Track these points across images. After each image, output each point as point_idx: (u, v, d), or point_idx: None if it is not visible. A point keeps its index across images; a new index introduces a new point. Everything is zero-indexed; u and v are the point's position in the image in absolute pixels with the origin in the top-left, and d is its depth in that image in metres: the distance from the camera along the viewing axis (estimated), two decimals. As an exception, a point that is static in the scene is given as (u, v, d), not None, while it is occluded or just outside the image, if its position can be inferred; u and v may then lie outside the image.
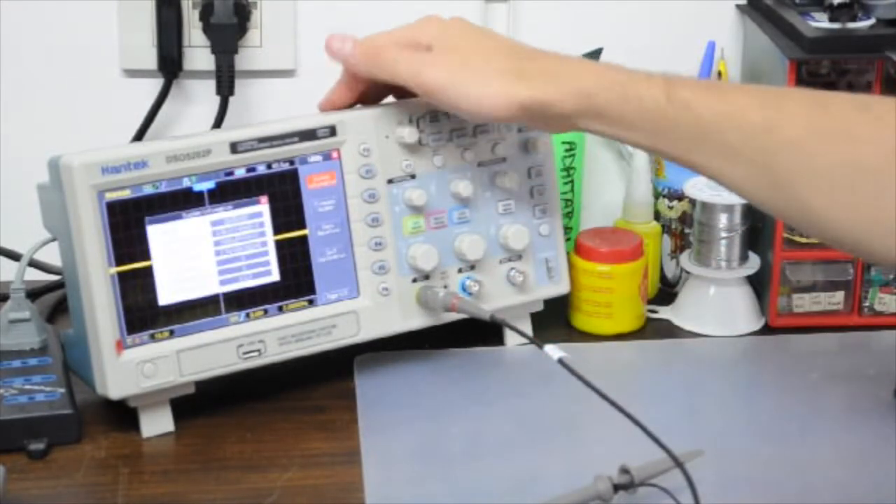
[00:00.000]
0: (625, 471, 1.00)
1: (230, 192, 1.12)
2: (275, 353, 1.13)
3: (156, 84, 1.40)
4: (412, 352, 1.22)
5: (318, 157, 1.15)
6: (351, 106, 1.18)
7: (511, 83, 1.07)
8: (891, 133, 0.97)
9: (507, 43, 1.12)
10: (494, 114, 1.09)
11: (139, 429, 1.11)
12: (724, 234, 1.30)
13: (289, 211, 1.14)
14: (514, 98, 1.07)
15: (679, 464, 0.96)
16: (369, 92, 1.17)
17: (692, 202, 1.35)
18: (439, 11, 1.42)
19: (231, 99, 1.38)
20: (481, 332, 1.22)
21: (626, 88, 1.05)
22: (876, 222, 0.97)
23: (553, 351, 1.02)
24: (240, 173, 1.12)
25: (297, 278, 1.14)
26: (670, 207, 1.39)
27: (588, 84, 1.06)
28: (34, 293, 1.29)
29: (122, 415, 1.11)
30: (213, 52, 1.37)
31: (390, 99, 1.19)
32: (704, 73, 1.39)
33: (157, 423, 1.11)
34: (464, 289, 1.19)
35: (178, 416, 1.12)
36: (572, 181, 1.38)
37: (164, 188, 1.09)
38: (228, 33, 1.36)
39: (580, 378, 0.99)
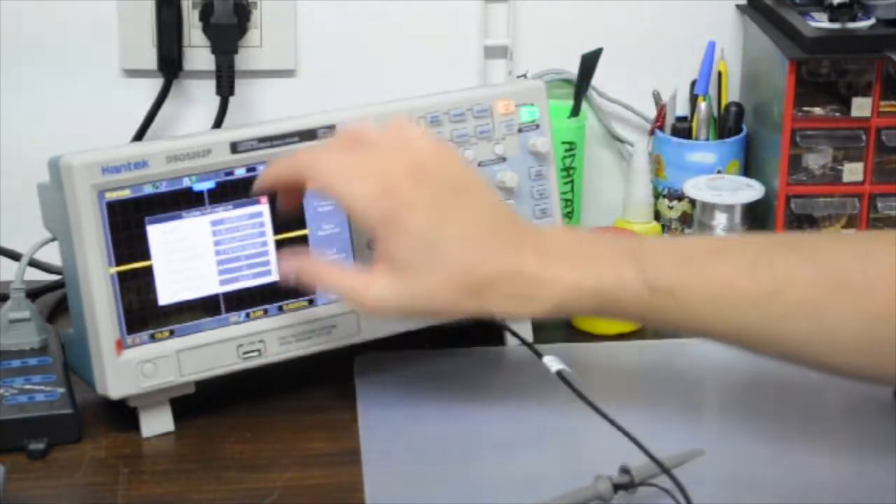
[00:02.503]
0: (625, 471, 1.00)
1: (230, 191, 1.12)
2: (275, 353, 1.13)
3: (156, 84, 1.40)
4: (412, 352, 1.22)
5: (318, 157, 1.14)
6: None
7: (466, 305, 0.98)
8: (889, 274, 0.95)
9: (460, 229, 0.98)
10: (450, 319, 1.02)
11: (139, 429, 1.11)
12: (724, 235, 1.30)
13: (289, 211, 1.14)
14: (474, 315, 0.99)
15: (666, 470, 0.96)
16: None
17: (692, 202, 1.35)
18: (439, 11, 1.42)
19: (231, 99, 1.38)
20: (481, 332, 1.22)
21: (600, 297, 0.97)
22: (893, 365, 0.96)
23: (552, 363, 1.02)
24: (240, 173, 1.12)
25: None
26: (670, 207, 1.39)
27: (556, 300, 0.97)
28: (34, 293, 1.29)
29: (122, 415, 1.11)
30: (213, 52, 1.37)
31: (390, 98, 1.19)
32: (704, 73, 1.39)
33: (157, 423, 1.11)
34: (464, 289, 1.19)
35: (178, 416, 1.12)
36: (572, 181, 1.38)
37: (164, 188, 1.09)
38: (228, 33, 1.36)
39: (576, 391, 1.00)
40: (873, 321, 0.95)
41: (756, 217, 1.33)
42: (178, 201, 1.10)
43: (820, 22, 1.28)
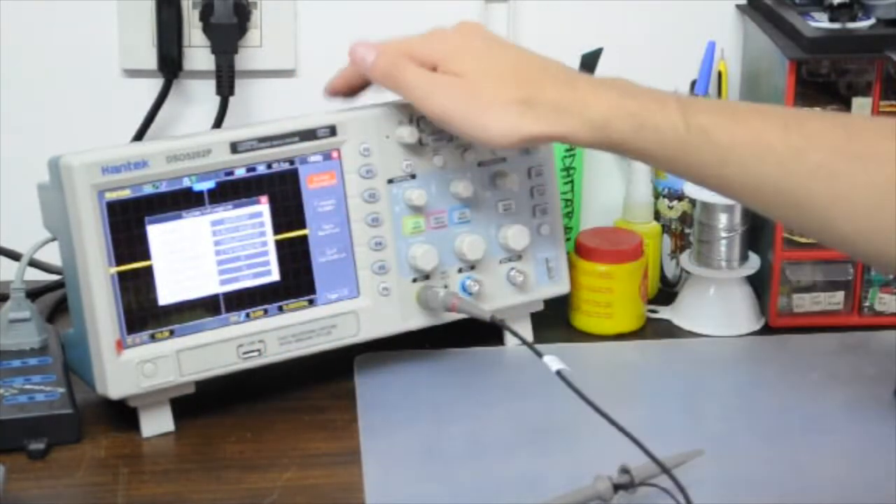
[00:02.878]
0: (625, 471, 1.00)
1: (230, 191, 1.12)
2: (275, 353, 1.13)
3: (156, 84, 1.40)
4: (412, 352, 1.22)
5: (319, 157, 1.15)
6: (356, 91, 1.18)
7: (519, 117, 1.06)
8: None
9: (519, 62, 1.09)
10: (503, 145, 1.09)
11: (139, 429, 1.11)
12: (724, 234, 1.30)
13: (289, 211, 1.14)
14: (523, 132, 1.06)
15: (666, 470, 0.96)
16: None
17: (692, 202, 1.35)
18: (439, 11, 1.43)
19: (231, 99, 1.38)
20: (481, 332, 1.22)
21: (641, 118, 1.03)
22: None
23: (552, 362, 1.03)
24: (240, 173, 1.12)
25: (297, 278, 1.14)
26: (670, 207, 1.39)
27: (599, 116, 1.04)
28: (34, 293, 1.29)
29: (122, 415, 1.11)
30: (213, 52, 1.37)
31: (390, 98, 1.19)
32: (704, 73, 1.39)
33: (157, 423, 1.11)
34: (464, 289, 1.19)
35: (178, 416, 1.12)
36: (572, 181, 1.38)
37: (164, 188, 1.09)
38: (228, 33, 1.36)
39: (576, 391, 1.00)
40: (883, 192, 0.97)
41: (756, 217, 1.33)
42: (178, 201, 1.10)
43: (820, 22, 1.28)
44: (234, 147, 1.11)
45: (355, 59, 1.14)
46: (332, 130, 1.15)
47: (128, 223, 1.08)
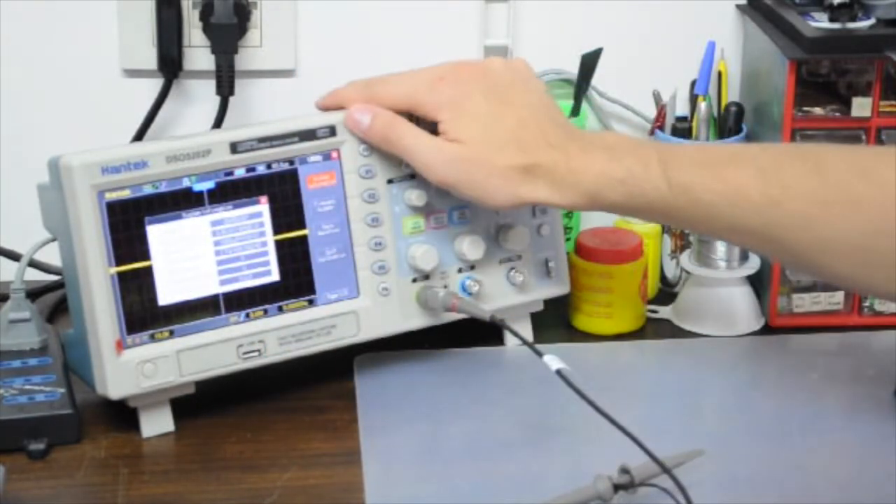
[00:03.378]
0: (625, 471, 1.00)
1: (230, 192, 1.12)
2: (275, 353, 1.13)
3: (156, 84, 1.40)
4: (412, 352, 1.22)
5: (318, 157, 1.15)
6: None
7: (519, 185, 1.09)
8: (888, 190, 1.00)
9: (519, 127, 1.11)
10: (506, 209, 1.15)
11: (139, 429, 1.11)
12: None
13: (289, 211, 1.14)
14: (524, 198, 1.10)
15: (666, 470, 0.96)
16: None
17: (692, 202, 1.35)
18: (439, 11, 1.43)
19: (231, 99, 1.38)
20: (481, 332, 1.22)
21: (628, 186, 1.07)
22: (888, 277, 1.00)
23: (552, 361, 1.03)
24: (240, 173, 1.12)
25: (296, 278, 1.14)
26: (670, 207, 1.39)
27: (591, 186, 1.08)
28: (34, 293, 1.29)
29: (122, 415, 1.11)
30: (213, 52, 1.36)
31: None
32: (704, 73, 1.39)
33: (157, 423, 1.11)
34: (464, 289, 1.19)
35: (178, 416, 1.12)
36: (572, 181, 1.38)
37: (164, 188, 1.09)
38: (228, 33, 1.36)
39: (576, 390, 1.00)
40: (867, 235, 1.00)
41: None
42: (178, 201, 1.10)
43: (820, 22, 1.28)
44: (234, 147, 1.11)
45: (350, 124, 1.15)
46: (332, 130, 1.15)
47: (128, 223, 1.08)
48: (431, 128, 1.13)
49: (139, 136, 1.39)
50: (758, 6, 1.39)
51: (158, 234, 1.09)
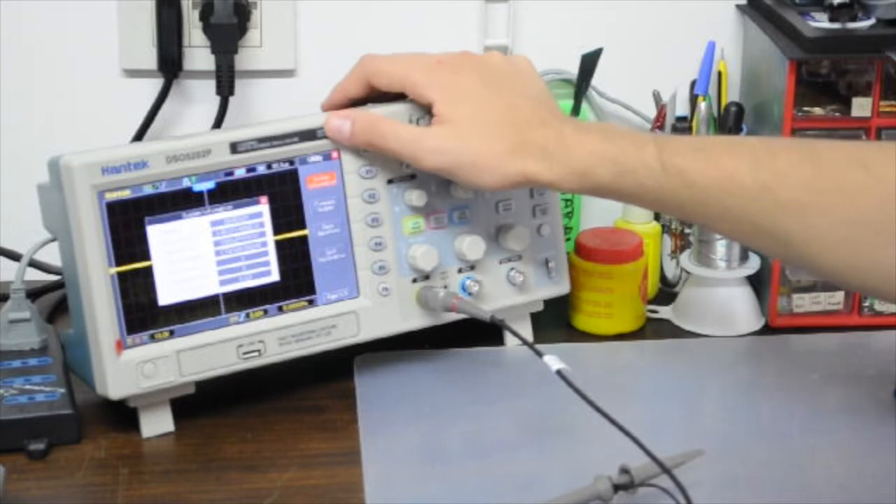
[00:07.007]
0: (625, 471, 1.00)
1: (230, 192, 1.12)
2: (275, 353, 1.13)
3: (156, 84, 1.40)
4: (412, 352, 1.22)
5: (318, 157, 1.15)
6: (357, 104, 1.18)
7: (506, 163, 1.08)
8: (887, 185, 0.99)
9: (511, 109, 1.10)
10: (496, 189, 1.12)
11: (139, 429, 1.11)
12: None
13: (289, 211, 1.14)
14: (511, 177, 1.09)
15: (666, 470, 0.96)
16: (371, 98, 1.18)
17: (692, 202, 1.35)
18: (439, 11, 1.43)
19: (231, 99, 1.38)
20: (481, 332, 1.22)
21: (620, 164, 1.06)
22: (879, 270, 1.00)
23: (552, 361, 1.03)
24: (240, 173, 1.12)
25: (297, 278, 1.14)
26: (670, 207, 1.39)
27: (582, 163, 1.07)
28: (34, 293, 1.29)
29: (122, 415, 1.11)
30: (213, 52, 1.36)
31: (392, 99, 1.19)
32: (704, 73, 1.39)
33: (157, 423, 1.11)
34: (464, 289, 1.19)
35: (178, 416, 1.12)
36: (572, 181, 1.38)
37: (164, 188, 1.09)
38: (228, 33, 1.36)
39: (576, 390, 1.00)
40: (856, 225, 1.00)
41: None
42: (178, 201, 1.10)
43: (820, 22, 1.28)
44: (234, 147, 1.11)
45: (331, 132, 1.14)
46: (332, 130, 1.15)
47: (128, 223, 1.08)
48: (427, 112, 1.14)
49: (139, 136, 1.39)
50: (758, 6, 1.39)
51: (158, 235, 1.09)
